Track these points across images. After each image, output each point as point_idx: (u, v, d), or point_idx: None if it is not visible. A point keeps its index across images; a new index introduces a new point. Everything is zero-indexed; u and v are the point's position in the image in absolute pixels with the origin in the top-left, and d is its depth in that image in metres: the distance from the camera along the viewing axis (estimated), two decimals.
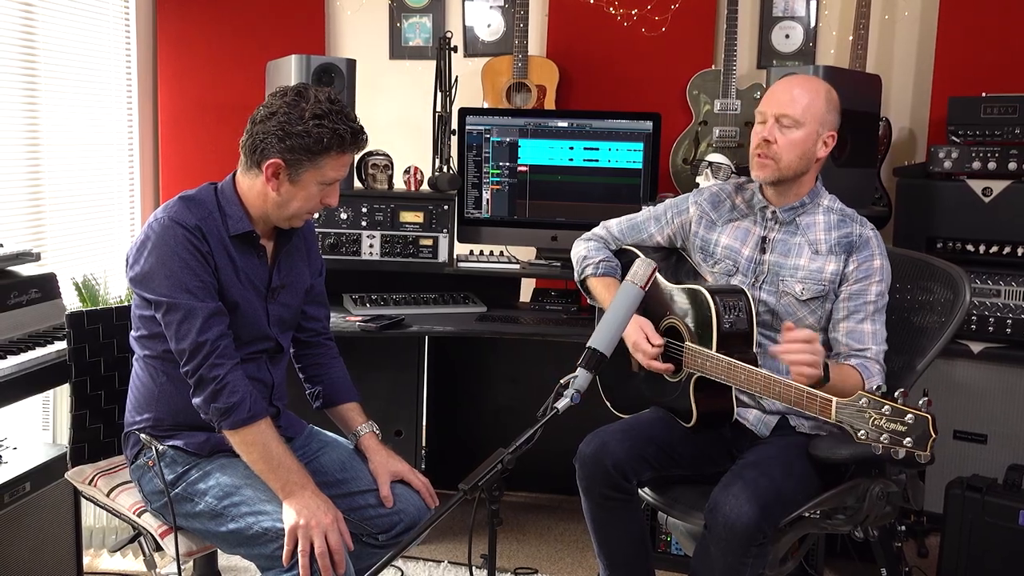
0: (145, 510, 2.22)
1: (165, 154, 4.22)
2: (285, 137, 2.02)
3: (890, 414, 1.82)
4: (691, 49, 3.96)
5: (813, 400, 2.00)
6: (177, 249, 2.02)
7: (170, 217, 2.05)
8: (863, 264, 2.31)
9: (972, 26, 3.62)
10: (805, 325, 2.33)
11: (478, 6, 4.17)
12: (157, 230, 2.04)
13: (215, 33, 4.18)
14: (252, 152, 2.07)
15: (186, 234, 2.03)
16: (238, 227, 2.12)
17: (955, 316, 2.31)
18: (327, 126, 2.02)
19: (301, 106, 2.02)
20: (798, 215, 2.38)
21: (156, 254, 2.03)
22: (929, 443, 1.78)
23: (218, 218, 2.11)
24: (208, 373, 2.02)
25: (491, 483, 1.75)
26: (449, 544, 3.31)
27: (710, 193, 2.53)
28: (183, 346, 2.02)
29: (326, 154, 2.05)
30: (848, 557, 3.09)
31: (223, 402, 2.01)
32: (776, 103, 2.31)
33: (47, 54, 3.53)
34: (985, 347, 3.20)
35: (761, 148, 2.32)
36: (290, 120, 2.01)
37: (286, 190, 2.08)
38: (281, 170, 2.05)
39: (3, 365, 2.36)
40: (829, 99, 2.32)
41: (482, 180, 3.55)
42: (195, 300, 2.02)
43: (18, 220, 3.39)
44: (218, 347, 2.03)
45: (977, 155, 3.22)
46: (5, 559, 2.49)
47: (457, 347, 3.77)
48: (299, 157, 2.03)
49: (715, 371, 2.21)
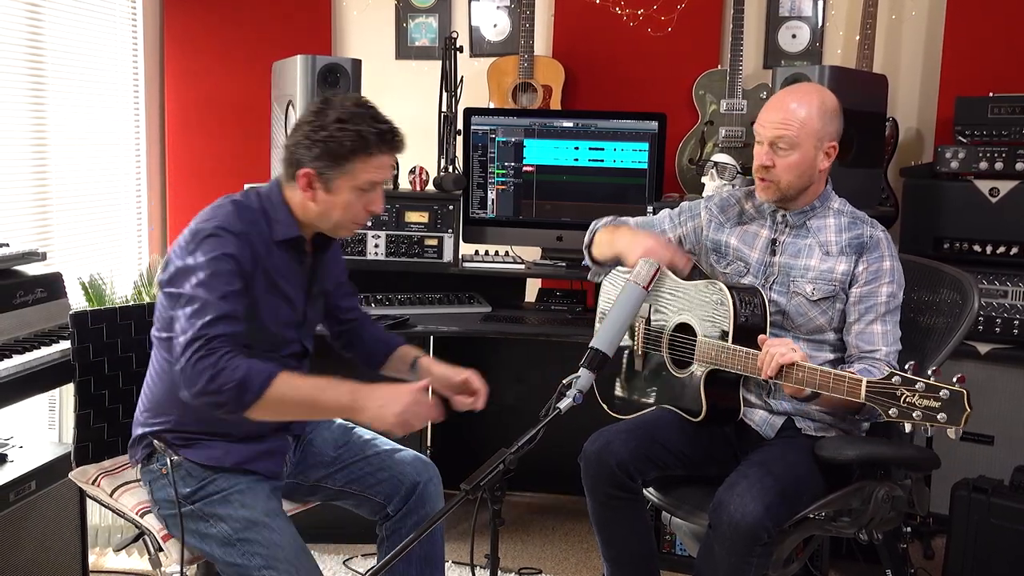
0: (148, 511, 2.22)
1: (172, 154, 4.23)
2: (312, 145, 1.99)
3: (924, 391, 1.84)
4: (697, 49, 3.95)
5: (840, 381, 1.99)
6: (218, 254, 1.96)
7: (219, 224, 1.99)
8: (873, 265, 2.30)
9: (979, 26, 3.60)
10: (816, 326, 2.33)
11: (484, 6, 4.17)
12: (204, 232, 1.98)
13: (222, 33, 4.19)
14: (288, 165, 2.06)
15: (232, 240, 1.98)
16: (287, 232, 2.08)
17: (963, 321, 2.31)
18: (350, 129, 1.99)
19: (326, 112, 2.00)
20: (808, 218, 2.38)
21: (198, 255, 1.96)
22: (964, 417, 1.80)
23: (263, 224, 2.06)
24: (201, 363, 1.87)
25: (493, 483, 1.76)
26: (453, 544, 3.31)
27: (720, 198, 2.54)
28: (183, 338, 1.90)
29: (354, 158, 2.01)
30: (853, 558, 3.08)
31: (227, 378, 1.86)
32: (770, 126, 2.28)
33: (54, 54, 3.54)
34: (992, 348, 3.19)
35: (760, 172, 2.32)
36: (314, 128, 1.99)
37: (323, 199, 2.05)
38: (314, 180, 2.03)
39: (8, 364, 2.37)
40: (824, 110, 2.28)
41: (487, 180, 3.54)
42: (217, 299, 1.93)
43: (25, 219, 3.40)
44: (217, 340, 1.90)
45: (984, 155, 3.21)
46: (11, 558, 2.49)
47: (462, 347, 3.76)
48: (328, 164, 2.01)
49: (732, 362, 2.20)
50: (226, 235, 1.98)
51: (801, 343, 2.34)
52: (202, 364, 1.87)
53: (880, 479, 2.20)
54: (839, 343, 2.36)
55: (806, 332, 2.35)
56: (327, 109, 2.01)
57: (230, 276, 1.96)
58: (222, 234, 1.98)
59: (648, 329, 2.49)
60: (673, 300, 2.43)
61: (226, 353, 1.88)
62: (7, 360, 2.38)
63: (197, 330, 1.89)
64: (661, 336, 2.44)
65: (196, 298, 1.92)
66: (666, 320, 2.43)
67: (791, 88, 2.39)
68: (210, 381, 1.86)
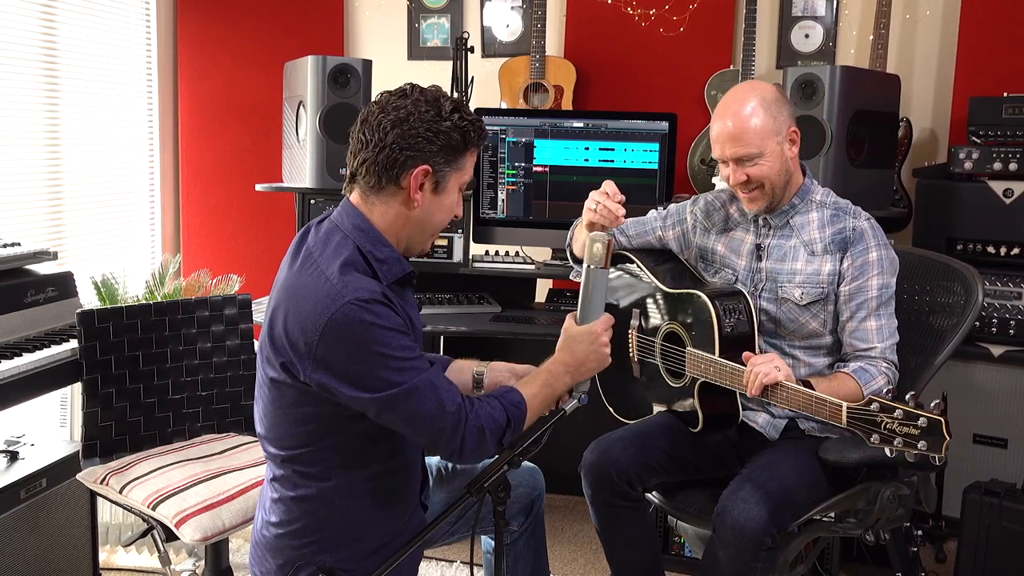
0: (159, 502, 2.24)
1: (185, 153, 4.25)
2: (434, 139, 1.74)
3: (902, 418, 1.80)
4: (709, 49, 3.94)
5: (823, 405, 1.97)
6: (379, 331, 1.69)
7: (357, 298, 1.68)
8: (858, 260, 2.24)
9: (994, 25, 3.57)
10: (809, 330, 2.30)
11: (497, 6, 4.17)
12: (346, 319, 1.67)
13: (235, 33, 4.21)
14: (389, 168, 1.75)
15: (382, 307, 1.71)
16: (399, 269, 1.81)
17: (968, 314, 2.28)
18: (468, 118, 1.78)
19: (439, 101, 1.76)
20: (790, 217, 2.33)
21: (362, 348, 1.68)
22: (943, 446, 1.76)
23: (368, 270, 1.77)
24: (472, 430, 1.75)
25: (496, 484, 1.75)
26: (462, 544, 3.30)
27: (705, 202, 2.50)
28: (440, 425, 1.72)
29: (465, 151, 1.80)
30: (863, 561, 3.06)
31: (496, 425, 1.77)
32: (726, 146, 2.24)
33: (68, 54, 3.57)
34: (1005, 350, 3.15)
35: (742, 189, 2.28)
36: (434, 118, 1.74)
37: (428, 202, 1.80)
38: (427, 178, 1.77)
39: (18, 363, 2.39)
40: (767, 104, 2.22)
41: (497, 180, 3.54)
42: (422, 372, 1.73)
43: (38, 219, 3.43)
44: (471, 404, 1.77)
45: (998, 156, 3.18)
46: (22, 555, 2.51)
47: (472, 347, 3.77)
48: (447, 159, 1.77)
49: (719, 376, 2.18)
50: (372, 304, 1.71)
51: (797, 350, 2.32)
52: (468, 427, 1.76)
53: (886, 479, 2.18)
54: (837, 345, 2.32)
55: (800, 338, 2.32)
56: (439, 98, 1.77)
57: (401, 338, 1.74)
58: (370, 305, 1.71)
59: (640, 337, 2.47)
60: (660, 308, 2.42)
61: (474, 410, 1.78)
62: (17, 359, 2.40)
63: (448, 408, 1.74)
64: (654, 345, 2.43)
65: (413, 387, 1.72)
66: (656, 329, 2.42)
67: (727, 99, 2.28)
68: (480, 439, 1.77)
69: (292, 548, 1.85)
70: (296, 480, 1.83)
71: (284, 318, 1.73)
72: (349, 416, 1.75)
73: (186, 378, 2.72)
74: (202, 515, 2.23)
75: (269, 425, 1.83)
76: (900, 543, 2.66)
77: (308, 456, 1.80)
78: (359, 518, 1.85)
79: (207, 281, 3.55)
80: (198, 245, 4.30)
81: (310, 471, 1.81)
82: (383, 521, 1.88)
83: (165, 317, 2.67)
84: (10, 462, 2.59)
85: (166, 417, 2.69)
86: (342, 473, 1.81)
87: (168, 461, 2.47)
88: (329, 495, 1.82)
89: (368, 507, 1.85)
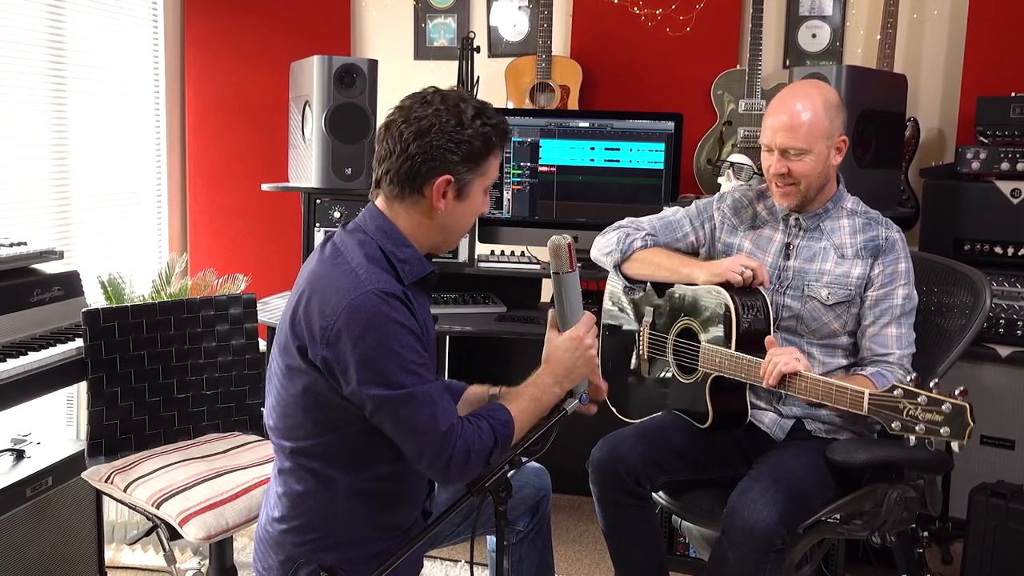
0: (164, 500, 2.24)
1: (191, 153, 4.26)
2: (455, 148, 1.74)
3: (926, 404, 1.82)
4: (716, 49, 3.93)
5: (844, 393, 1.98)
6: (394, 326, 1.70)
7: (380, 289, 1.70)
8: (889, 268, 2.28)
9: (1002, 25, 3.55)
10: (830, 330, 2.31)
11: (504, 6, 4.16)
12: (364, 305, 1.69)
13: (242, 33, 4.22)
14: (411, 179, 1.75)
15: (401, 305, 1.72)
16: (420, 269, 1.82)
17: (975, 319, 2.29)
18: (490, 122, 1.77)
19: (459, 108, 1.75)
20: (822, 221, 2.35)
21: (374, 335, 1.68)
22: (967, 431, 1.78)
23: (391, 270, 1.78)
24: (459, 453, 1.74)
25: (498, 484, 1.75)
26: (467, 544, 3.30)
27: (732, 199, 2.50)
28: (427, 440, 1.72)
29: (488, 155, 1.80)
30: (868, 562, 3.05)
31: (483, 446, 1.76)
32: (777, 135, 2.25)
33: (75, 53, 3.58)
34: (1013, 351, 3.14)
35: (777, 181, 2.29)
36: (455, 128, 1.74)
37: (451, 209, 1.80)
38: (450, 187, 1.77)
39: (24, 361, 2.40)
40: (828, 106, 2.25)
41: (503, 180, 3.54)
42: (426, 382, 1.73)
43: (45, 218, 3.44)
44: (462, 425, 1.76)
45: (1006, 156, 3.16)
46: (28, 553, 2.52)
47: (477, 347, 3.77)
48: (469, 167, 1.77)
49: (733, 370, 2.19)
50: (391, 299, 1.72)
51: (814, 348, 2.32)
52: (460, 450, 1.74)
53: (892, 481, 2.18)
54: (852, 347, 2.33)
55: (819, 337, 2.33)
56: (460, 104, 1.76)
57: (415, 344, 1.75)
58: (388, 299, 1.72)
59: (652, 334, 2.47)
60: (676, 305, 2.42)
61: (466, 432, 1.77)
62: (23, 357, 2.41)
63: (440, 425, 1.73)
64: (666, 341, 2.43)
65: (412, 395, 1.72)
66: (670, 325, 2.42)
67: (791, 90, 2.33)
68: (466, 461, 1.75)
69: (294, 545, 1.85)
70: (301, 474, 1.83)
71: (307, 301, 1.75)
72: (357, 412, 1.75)
73: (191, 377, 2.73)
74: (206, 514, 2.24)
75: (279, 415, 1.84)
76: (906, 545, 2.65)
77: (314, 449, 1.80)
78: (361, 519, 1.85)
79: (213, 280, 3.56)
80: (204, 244, 4.31)
81: (315, 466, 1.81)
82: (385, 524, 1.88)
83: (170, 316, 2.67)
84: (16, 460, 2.60)
85: (171, 416, 2.70)
86: (347, 471, 1.81)
87: (172, 460, 2.48)
88: (333, 493, 1.82)
89: (371, 508, 1.85)
